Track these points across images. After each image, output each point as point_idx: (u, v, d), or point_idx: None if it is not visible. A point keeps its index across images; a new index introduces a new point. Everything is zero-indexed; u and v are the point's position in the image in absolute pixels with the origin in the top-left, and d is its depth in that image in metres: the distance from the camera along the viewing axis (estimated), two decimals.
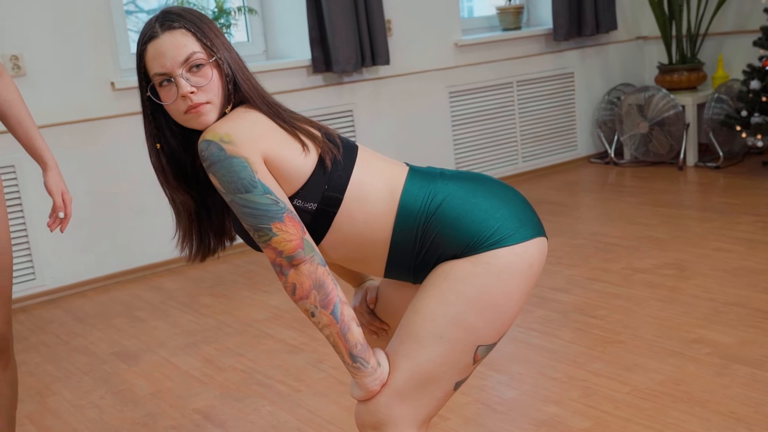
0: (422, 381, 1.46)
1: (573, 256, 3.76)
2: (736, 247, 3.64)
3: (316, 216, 1.47)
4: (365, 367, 1.44)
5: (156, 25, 1.47)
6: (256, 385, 2.75)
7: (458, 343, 1.45)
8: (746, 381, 2.44)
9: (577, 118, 5.64)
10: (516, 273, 1.46)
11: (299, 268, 1.40)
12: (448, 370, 1.46)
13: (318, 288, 1.40)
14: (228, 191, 1.40)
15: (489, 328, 1.46)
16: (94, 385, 2.88)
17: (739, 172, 4.99)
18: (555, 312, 3.12)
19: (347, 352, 1.43)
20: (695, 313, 2.97)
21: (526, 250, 1.47)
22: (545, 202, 4.77)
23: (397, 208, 1.48)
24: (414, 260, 1.50)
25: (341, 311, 1.42)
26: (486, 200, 1.48)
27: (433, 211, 1.46)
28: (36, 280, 3.85)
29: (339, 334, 1.42)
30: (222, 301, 3.62)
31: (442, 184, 1.50)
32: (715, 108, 5.16)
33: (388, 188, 1.49)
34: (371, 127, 4.75)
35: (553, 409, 2.40)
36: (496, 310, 1.45)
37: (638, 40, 5.85)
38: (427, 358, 1.45)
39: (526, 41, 5.32)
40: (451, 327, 1.44)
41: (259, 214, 1.39)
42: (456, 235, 1.45)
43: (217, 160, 1.39)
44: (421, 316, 1.46)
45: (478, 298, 1.44)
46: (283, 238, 1.39)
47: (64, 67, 3.84)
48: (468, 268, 1.44)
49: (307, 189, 1.45)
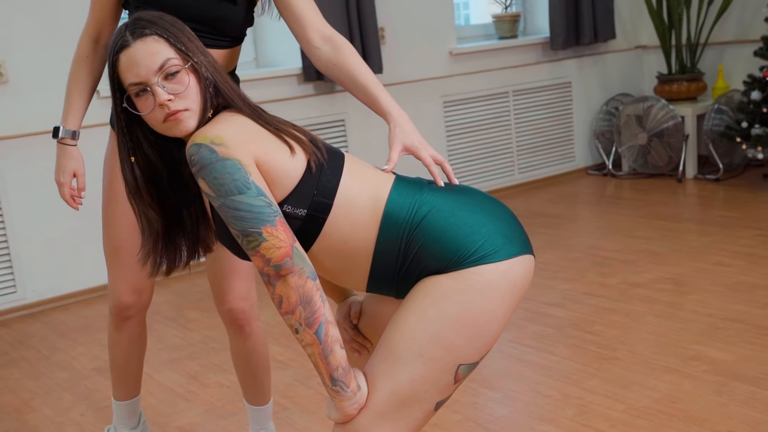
0: (402, 401, 1.40)
1: (569, 269, 3.68)
2: (735, 261, 3.56)
3: (305, 223, 1.42)
4: (345, 391, 1.38)
5: (127, 34, 1.43)
6: (241, 402, 2.67)
7: (438, 361, 1.39)
8: (745, 399, 2.36)
9: (575, 128, 5.57)
10: (499, 291, 1.40)
11: (287, 279, 1.34)
12: (429, 389, 1.41)
13: (305, 304, 1.35)
14: (219, 194, 1.34)
15: (470, 347, 1.40)
16: (74, 402, 2.80)
17: (739, 185, 4.92)
18: (550, 327, 3.04)
19: (328, 374, 1.37)
20: (693, 329, 2.89)
21: (511, 267, 1.41)
22: (541, 215, 4.69)
23: (382, 218, 1.43)
24: (397, 273, 1.44)
25: (326, 332, 1.36)
26: (472, 214, 1.43)
27: (418, 223, 1.41)
28: (17, 293, 3.78)
29: (321, 355, 1.36)
30: (208, 315, 3.54)
31: (428, 195, 1.45)
32: (715, 119, 5.09)
33: (372, 196, 1.44)
34: (363, 138, 4.68)
35: (547, 427, 2.32)
36: (477, 329, 1.39)
37: (637, 50, 5.79)
38: (408, 378, 1.39)
39: (522, 50, 5.25)
40: (432, 345, 1.38)
41: (251, 217, 1.33)
42: (440, 249, 1.40)
43: (209, 163, 1.34)
44: (401, 333, 1.40)
45: (459, 316, 1.38)
46: (273, 244, 1.33)
47: (48, 74, 3.77)
48: (450, 285, 1.39)
49: (297, 194, 1.40)
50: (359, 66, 1.76)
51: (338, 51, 1.78)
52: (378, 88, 1.72)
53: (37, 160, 3.76)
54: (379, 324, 1.65)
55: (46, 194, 3.79)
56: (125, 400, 2.25)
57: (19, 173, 3.74)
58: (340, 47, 1.79)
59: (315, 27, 1.82)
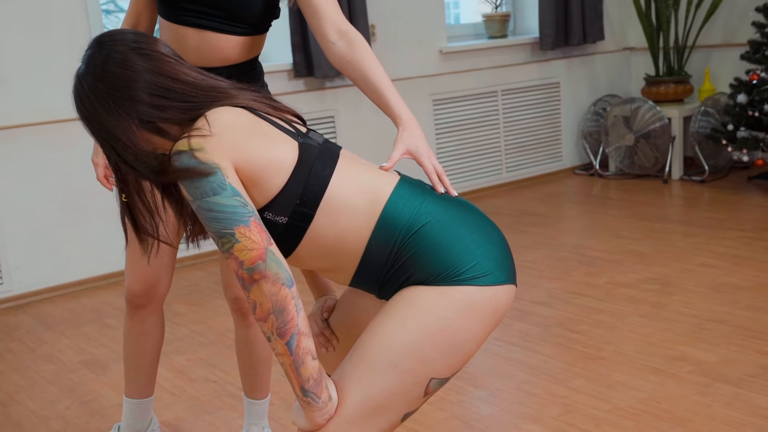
0: (372, 409, 1.40)
1: (555, 269, 3.70)
2: (720, 262, 3.59)
3: (287, 230, 1.41)
4: (316, 402, 1.37)
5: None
6: (228, 397, 2.67)
7: (412, 373, 1.39)
8: (728, 400, 2.38)
9: (563, 128, 5.59)
10: (480, 314, 1.40)
11: (260, 284, 1.32)
12: (399, 400, 1.40)
13: (277, 313, 1.32)
14: (195, 197, 1.33)
15: (444, 363, 1.40)
16: (59, 395, 2.79)
17: (724, 187, 4.96)
18: (536, 326, 3.06)
19: (299, 385, 1.36)
20: (678, 330, 2.92)
21: (496, 294, 1.42)
22: (528, 214, 4.71)
23: (378, 219, 1.41)
24: (383, 275, 1.43)
25: (297, 343, 1.34)
26: (470, 234, 1.42)
27: (415, 231, 1.40)
28: (3, 284, 3.76)
29: (291, 366, 1.35)
30: (196, 309, 3.53)
31: (430, 205, 1.43)
32: (702, 121, 5.13)
33: (368, 200, 1.42)
34: (353, 134, 4.68)
35: (532, 426, 2.33)
36: (453, 345, 1.40)
37: (625, 51, 5.82)
38: (380, 387, 1.39)
39: (512, 50, 5.27)
40: (407, 356, 1.38)
41: (224, 218, 1.32)
42: (431, 261, 1.39)
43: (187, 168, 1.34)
44: (378, 341, 1.39)
45: (438, 330, 1.38)
46: (245, 245, 1.31)
47: (38, 67, 3.75)
48: (434, 299, 1.39)
49: (279, 202, 1.39)
50: (373, 65, 1.74)
51: (353, 48, 1.76)
52: (390, 89, 1.70)
53: (25, 151, 3.73)
54: (350, 324, 1.64)
55: (33, 186, 3.77)
56: (134, 398, 2.22)
57: (7, 165, 3.72)
58: (355, 44, 1.77)
59: (332, 21, 1.80)
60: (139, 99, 1.39)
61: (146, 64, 1.40)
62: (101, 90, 1.39)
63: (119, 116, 1.39)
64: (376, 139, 4.78)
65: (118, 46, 1.41)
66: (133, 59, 1.40)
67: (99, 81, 1.39)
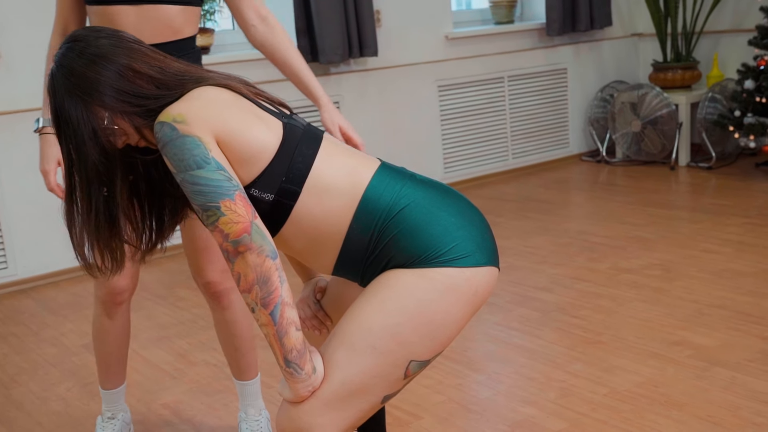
0: (351, 392, 1.40)
1: (558, 254, 3.69)
2: (723, 249, 3.57)
3: (273, 207, 1.41)
4: (299, 373, 1.38)
5: None
6: (227, 380, 2.68)
7: (391, 355, 1.40)
8: (726, 384, 2.38)
9: (570, 115, 5.57)
10: (460, 295, 1.41)
11: (245, 256, 1.33)
12: (378, 382, 1.41)
13: (261, 284, 1.34)
14: (179, 170, 1.35)
15: (423, 345, 1.41)
16: (61, 378, 2.81)
17: (731, 173, 4.93)
18: (536, 311, 3.06)
19: (282, 356, 1.37)
20: (678, 315, 2.91)
21: (475, 275, 1.42)
22: (533, 200, 4.70)
23: (359, 204, 1.42)
24: (365, 260, 1.44)
25: (281, 313, 1.35)
26: (449, 216, 1.43)
27: (395, 214, 1.41)
28: (8, 269, 3.78)
29: (275, 336, 1.36)
30: (198, 294, 3.55)
31: (410, 188, 1.44)
32: (709, 107, 5.09)
33: (349, 183, 1.43)
34: (357, 120, 4.67)
35: (529, 409, 2.33)
36: (432, 327, 1.40)
37: (633, 37, 5.78)
38: (359, 369, 1.39)
39: (518, 35, 5.24)
40: (386, 338, 1.39)
41: (209, 191, 1.33)
42: (410, 244, 1.40)
43: (170, 140, 1.35)
44: (357, 323, 1.40)
45: (416, 311, 1.39)
46: (230, 218, 1.32)
47: (41, 51, 3.75)
48: (413, 281, 1.39)
49: (265, 178, 1.40)
50: (292, 50, 2.02)
51: (273, 32, 2.00)
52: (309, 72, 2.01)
53: (29, 136, 3.75)
54: (342, 304, 1.65)
55: (38, 170, 3.79)
56: (116, 387, 2.26)
57: (11, 149, 3.74)
58: (275, 28, 2.00)
59: (252, 4, 2.01)
60: (120, 88, 1.41)
61: (126, 56, 1.42)
62: (73, 84, 1.40)
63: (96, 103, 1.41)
64: (380, 125, 4.77)
65: (95, 41, 1.42)
66: (113, 51, 1.42)
67: (72, 75, 1.40)
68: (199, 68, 1.49)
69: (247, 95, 1.45)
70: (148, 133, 1.43)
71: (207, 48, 4.25)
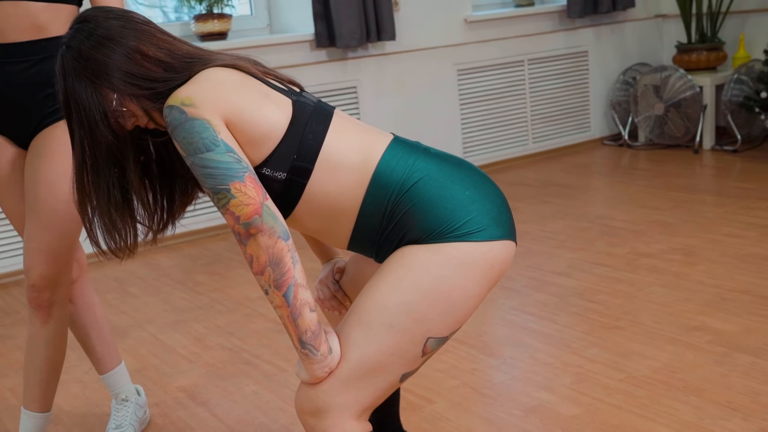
0: (368, 371, 1.39)
1: (577, 239, 3.65)
2: (747, 233, 3.51)
3: (286, 186, 1.41)
4: (314, 354, 1.37)
5: None
6: (242, 364, 2.69)
7: (408, 333, 1.38)
8: (745, 370, 2.34)
9: (591, 98, 5.50)
10: (476, 270, 1.38)
11: (257, 238, 1.32)
12: (396, 360, 1.40)
13: (274, 266, 1.33)
14: (189, 153, 1.34)
15: (440, 321, 1.39)
16: (79, 360, 2.83)
17: (756, 156, 4.84)
18: (553, 296, 3.03)
19: (297, 337, 1.36)
20: (699, 300, 2.86)
21: (491, 249, 1.40)
22: (554, 185, 4.66)
23: (371, 178, 1.40)
24: (379, 236, 1.43)
25: (294, 294, 1.34)
26: (464, 189, 1.41)
27: (408, 188, 1.40)
28: None
29: (289, 318, 1.35)
30: (216, 278, 3.56)
31: (423, 162, 1.42)
32: (734, 89, 5.00)
33: (361, 158, 1.42)
34: (376, 105, 4.65)
35: (544, 395, 2.31)
36: (449, 303, 1.38)
37: (657, 19, 5.69)
38: (376, 348, 1.38)
39: (538, 18, 5.18)
40: (402, 316, 1.37)
41: (219, 174, 1.32)
42: (424, 218, 1.38)
43: (179, 123, 1.34)
44: (373, 302, 1.39)
45: (432, 288, 1.37)
46: (241, 200, 1.32)
47: None
48: (428, 256, 1.37)
49: (276, 157, 1.39)
50: None
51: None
52: None
53: None
54: (360, 284, 1.64)
55: None
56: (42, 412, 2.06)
57: None
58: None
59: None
60: (129, 71, 1.40)
61: (134, 38, 1.41)
62: (82, 66, 1.40)
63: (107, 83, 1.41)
64: (398, 110, 4.74)
65: (104, 22, 1.42)
66: (121, 33, 1.41)
67: (80, 57, 1.40)
68: (206, 50, 1.48)
69: (255, 74, 1.44)
70: (157, 115, 1.43)
71: (224, 33, 4.24)
